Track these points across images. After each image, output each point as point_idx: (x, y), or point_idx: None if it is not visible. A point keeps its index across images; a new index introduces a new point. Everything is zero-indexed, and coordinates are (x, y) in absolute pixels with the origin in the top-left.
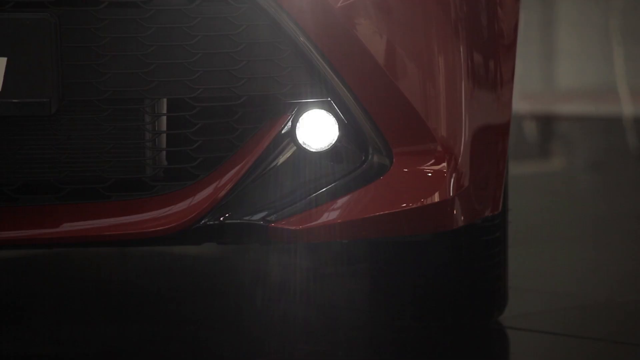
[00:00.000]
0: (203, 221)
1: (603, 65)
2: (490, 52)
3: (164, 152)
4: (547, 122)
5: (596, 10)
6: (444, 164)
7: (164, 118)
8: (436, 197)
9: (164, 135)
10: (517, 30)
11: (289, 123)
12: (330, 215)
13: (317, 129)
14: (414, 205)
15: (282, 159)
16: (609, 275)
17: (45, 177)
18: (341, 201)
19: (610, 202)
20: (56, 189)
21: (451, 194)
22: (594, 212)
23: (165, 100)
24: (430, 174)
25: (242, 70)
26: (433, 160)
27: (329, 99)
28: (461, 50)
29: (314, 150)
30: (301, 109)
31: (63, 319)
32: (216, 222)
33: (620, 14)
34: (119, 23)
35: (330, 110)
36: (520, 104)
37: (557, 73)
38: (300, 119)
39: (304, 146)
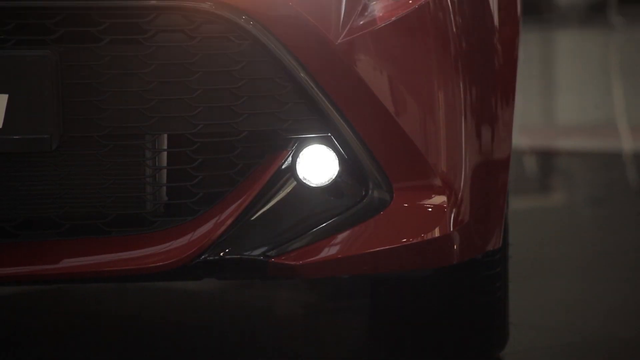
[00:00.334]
0: (203, 256)
1: (603, 101)
2: (490, 88)
3: (164, 187)
4: (547, 157)
5: (595, 47)
6: (444, 199)
7: (165, 153)
8: (436, 232)
9: (165, 170)
10: (516, 66)
11: (289, 158)
12: (330, 251)
13: (317, 164)
14: (415, 240)
15: (282, 194)
16: (611, 309)
17: (46, 213)
18: (341, 236)
19: (611, 236)
20: (56, 224)
21: (451, 229)
22: (595, 247)
23: (165, 135)
24: (430, 209)
25: (243, 106)
26: (433, 195)
27: (329, 134)
28: (461, 85)
29: (314, 186)
30: (301, 144)
31: (62, 355)
32: (216, 257)
33: (619, 50)
34: (120, 59)
35: (331, 145)
36: (520, 139)
37: (556, 108)
38: (300, 154)
39: (304, 181)
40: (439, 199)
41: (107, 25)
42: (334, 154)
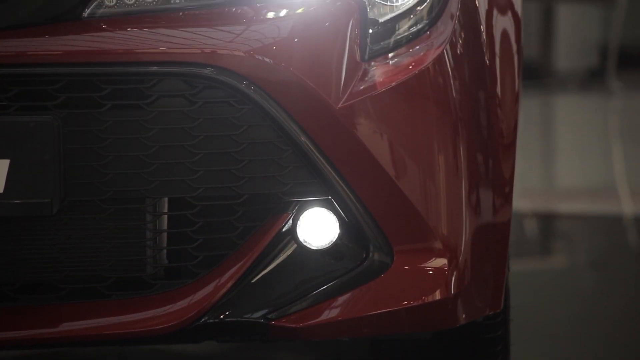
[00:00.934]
0: (203, 319)
1: (603, 164)
2: (491, 151)
3: (164, 250)
4: (547, 220)
5: (595, 111)
6: (445, 262)
7: (165, 216)
8: (437, 295)
9: (165, 233)
10: (516, 129)
11: (290, 221)
12: (331, 313)
13: (317, 227)
14: (415, 303)
15: (282, 257)
16: None
17: (46, 276)
18: (342, 299)
19: (613, 300)
20: (56, 288)
21: (452, 292)
22: (596, 311)
23: (166, 198)
24: (431, 272)
25: (243, 170)
26: (434, 258)
27: (330, 197)
28: (461, 149)
29: (314, 248)
30: (302, 207)
31: None
32: (216, 320)
33: (618, 115)
34: (122, 124)
35: (331, 208)
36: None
37: (557, 172)
38: (301, 217)
39: (305, 244)
40: (440, 262)
41: (109, 91)
42: (335, 216)
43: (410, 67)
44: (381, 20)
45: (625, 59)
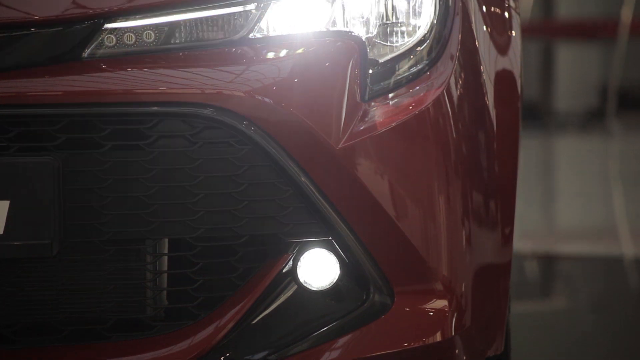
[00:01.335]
0: None
1: (603, 206)
2: (491, 192)
3: (164, 292)
4: (548, 262)
5: (595, 152)
6: (446, 303)
7: (165, 257)
8: (438, 337)
9: (165, 274)
10: (516, 170)
11: (290, 262)
12: (331, 355)
13: (318, 268)
14: (416, 345)
15: (283, 298)
16: None
17: (46, 318)
18: (342, 340)
19: (613, 343)
20: (57, 330)
21: (453, 334)
22: (596, 353)
23: (166, 239)
24: (432, 313)
25: (244, 210)
26: (435, 300)
27: (330, 238)
28: (462, 190)
29: (315, 289)
30: (302, 248)
31: None
32: None
33: (618, 156)
34: (122, 165)
35: (332, 249)
36: (521, 243)
37: (557, 213)
38: (301, 258)
39: (305, 285)
40: (441, 304)
41: (109, 131)
42: (335, 257)
43: (411, 107)
44: (381, 60)
45: (625, 100)
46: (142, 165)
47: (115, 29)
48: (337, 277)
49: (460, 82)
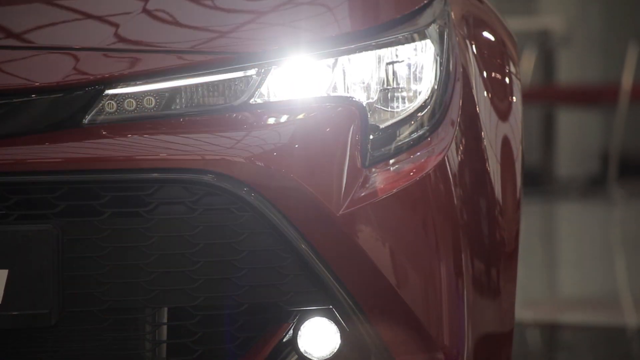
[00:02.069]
0: None
1: (605, 274)
2: (493, 260)
3: None
4: (550, 331)
5: (597, 219)
6: None
7: (165, 326)
8: None
9: (164, 344)
10: (518, 237)
11: (291, 331)
12: None
13: (318, 338)
14: None
15: None
16: None
17: None
18: None
19: None
20: None
21: None
22: None
23: (166, 308)
24: None
25: (244, 278)
26: None
27: (331, 306)
28: (463, 258)
29: (316, 359)
30: (303, 317)
31: None
32: None
33: (620, 224)
34: (121, 233)
35: (332, 318)
36: (522, 312)
37: (559, 281)
38: (301, 327)
39: (306, 355)
40: None
41: (109, 199)
42: (336, 326)
43: (412, 173)
44: (382, 126)
45: (627, 166)
46: (141, 232)
47: (115, 95)
48: (337, 346)
49: (461, 148)
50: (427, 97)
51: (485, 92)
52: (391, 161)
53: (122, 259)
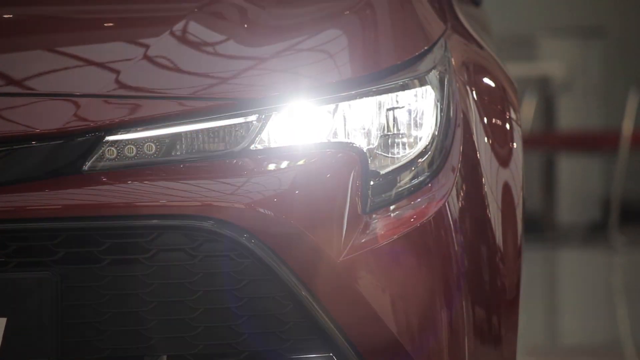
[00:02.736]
0: None
1: (607, 322)
2: (494, 307)
3: None
4: None
5: (598, 267)
6: None
7: None
8: None
9: None
10: (519, 284)
11: None
12: None
13: None
14: None
15: None
16: None
17: None
18: None
19: None
20: None
21: None
22: None
23: (165, 356)
24: None
25: (244, 325)
26: None
27: (331, 354)
28: (464, 305)
29: None
30: None
31: None
32: None
33: (621, 270)
34: (121, 280)
35: None
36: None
37: (560, 329)
38: None
39: None
40: None
41: (109, 246)
42: None
43: (412, 219)
44: (382, 172)
45: (628, 213)
46: (141, 279)
47: (116, 141)
48: None
49: (462, 194)
50: (427, 143)
51: (485, 138)
52: (392, 207)
53: (121, 306)
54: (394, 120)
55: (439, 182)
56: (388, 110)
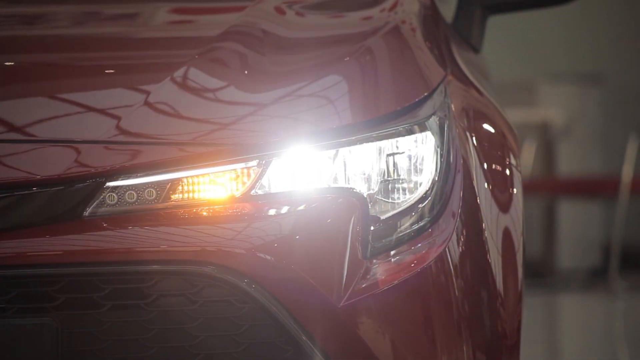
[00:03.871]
0: None
1: None
2: (494, 353)
3: None
4: None
5: (599, 313)
6: None
7: None
8: None
9: None
10: (520, 330)
11: None
12: None
13: None
14: None
15: None
16: None
17: None
18: None
19: None
20: None
21: None
22: None
23: None
24: None
25: None
26: None
27: None
28: (465, 350)
29: None
30: None
31: None
32: None
33: (623, 316)
34: (121, 325)
35: None
36: None
37: None
38: None
39: None
40: None
41: (109, 291)
42: None
43: (412, 265)
44: (383, 217)
45: (629, 258)
46: (141, 325)
47: (116, 187)
48: None
49: (462, 239)
50: (427, 189)
51: (486, 184)
52: (392, 252)
53: (122, 351)
54: (394, 166)
55: (439, 227)
56: (388, 155)
